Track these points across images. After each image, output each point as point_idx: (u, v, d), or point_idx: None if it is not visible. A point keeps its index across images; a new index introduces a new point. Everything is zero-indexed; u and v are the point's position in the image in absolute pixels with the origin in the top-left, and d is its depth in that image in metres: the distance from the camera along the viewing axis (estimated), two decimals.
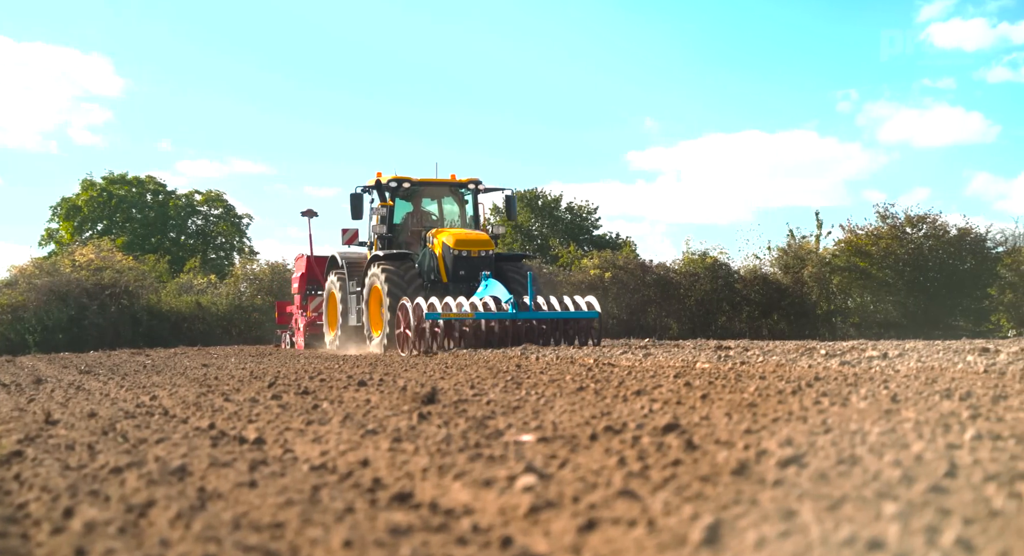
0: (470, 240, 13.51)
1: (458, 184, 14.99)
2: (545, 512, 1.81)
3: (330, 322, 16.20)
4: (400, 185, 14.57)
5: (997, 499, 1.69)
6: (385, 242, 14.59)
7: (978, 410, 3.20)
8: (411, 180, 14.64)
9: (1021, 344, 8.51)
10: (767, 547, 1.46)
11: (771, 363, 6.61)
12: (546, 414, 3.55)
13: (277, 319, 20.69)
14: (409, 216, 14.91)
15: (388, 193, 14.56)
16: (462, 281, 13.39)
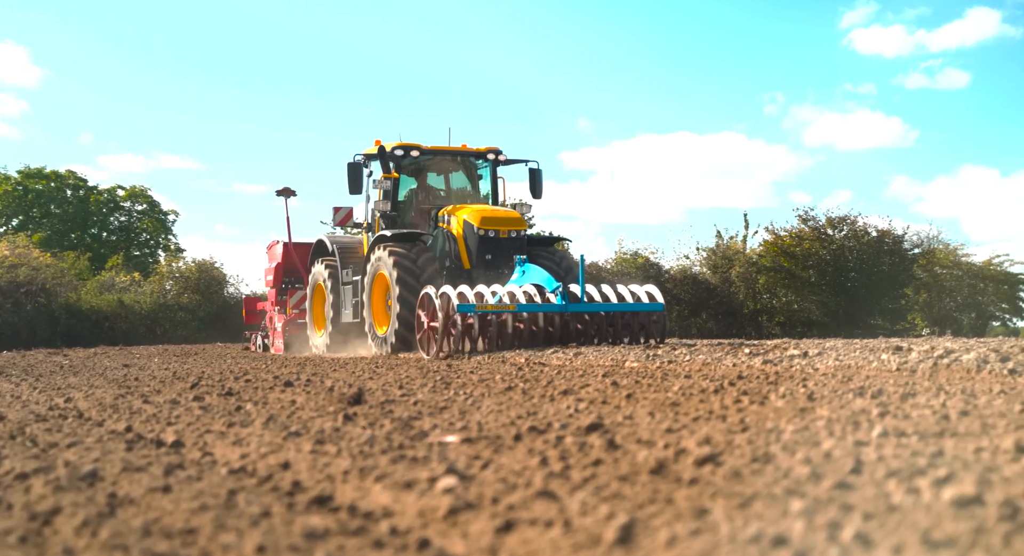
0: (498, 218, 11.46)
1: (474, 153, 12.85)
2: (464, 513, 1.81)
3: (316, 319, 14.04)
4: (407, 153, 12.26)
5: (896, 495, 1.76)
6: (389, 221, 12.33)
7: (887, 408, 3.32)
8: (420, 148, 12.42)
9: (932, 343, 8.88)
10: (677, 545, 1.49)
11: (697, 362, 6.75)
12: (473, 414, 3.55)
13: (244, 318, 18.09)
14: (413, 193, 12.77)
15: (392, 163, 12.28)
16: (489, 267, 11.34)
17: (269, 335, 16.17)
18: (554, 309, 9.54)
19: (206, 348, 17.96)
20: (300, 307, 15.20)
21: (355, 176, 12.41)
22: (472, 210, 11.54)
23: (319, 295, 13.95)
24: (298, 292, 15.47)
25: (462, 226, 11.48)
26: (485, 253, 11.39)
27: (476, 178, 13.18)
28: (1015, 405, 3.33)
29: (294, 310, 15.39)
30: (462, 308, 9.22)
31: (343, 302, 12.98)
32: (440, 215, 12.09)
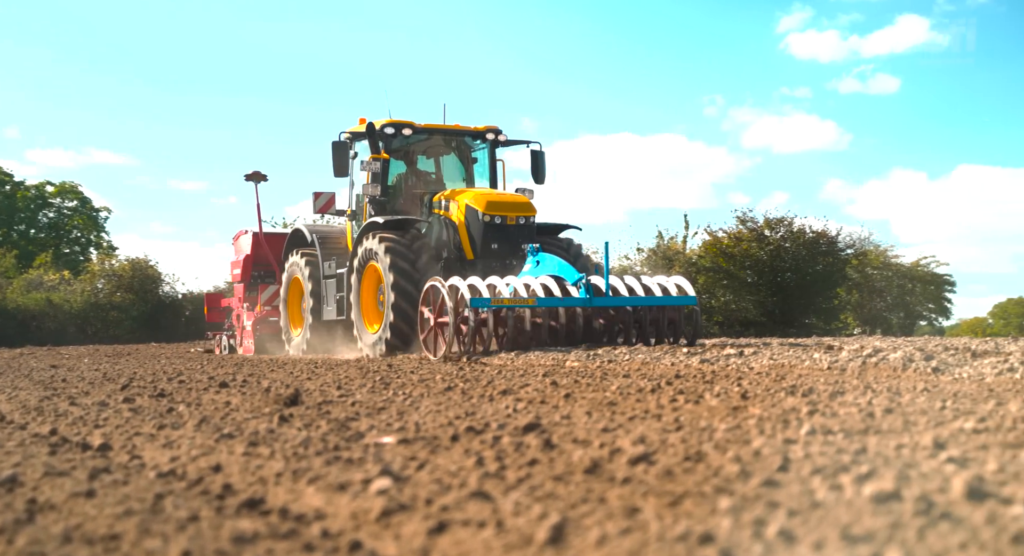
0: (505, 203, 10.41)
1: (472, 133, 11.65)
2: (397, 515, 1.80)
3: (292, 317, 12.88)
4: (398, 132, 11.10)
5: (820, 491, 1.80)
6: (378, 207, 11.13)
7: (816, 406, 3.41)
8: (413, 126, 11.27)
9: (862, 342, 9.15)
10: (607, 544, 1.51)
11: (636, 361, 6.82)
12: (411, 415, 3.54)
13: (206, 316, 16.45)
14: (402, 177, 11.65)
15: (382, 143, 11.08)
16: (494, 257, 10.25)
17: (236, 335, 14.86)
18: (578, 303, 8.50)
19: (140, 348, 17.48)
20: (273, 304, 13.92)
21: (340, 156, 11.15)
22: (475, 194, 10.42)
23: (296, 290, 12.84)
24: (270, 287, 14.12)
25: (464, 212, 10.33)
26: (491, 242, 10.24)
27: (470, 161, 12.02)
28: (936, 403, 3.45)
29: (266, 307, 14.05)
30: (475, 302, 8.08)
31: (325, 298, 11.91)
32: (436, 200, 11.00)
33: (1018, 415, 2.93)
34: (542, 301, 8.39)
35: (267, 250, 14.22)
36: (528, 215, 10.53)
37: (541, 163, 11.80)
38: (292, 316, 12.94)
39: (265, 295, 14.10)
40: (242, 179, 14.71)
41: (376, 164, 11.05)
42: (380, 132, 11.08)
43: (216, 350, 15.49)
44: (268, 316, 13.96)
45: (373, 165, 11.05)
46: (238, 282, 14.86)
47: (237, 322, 14.83)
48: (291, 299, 12.96)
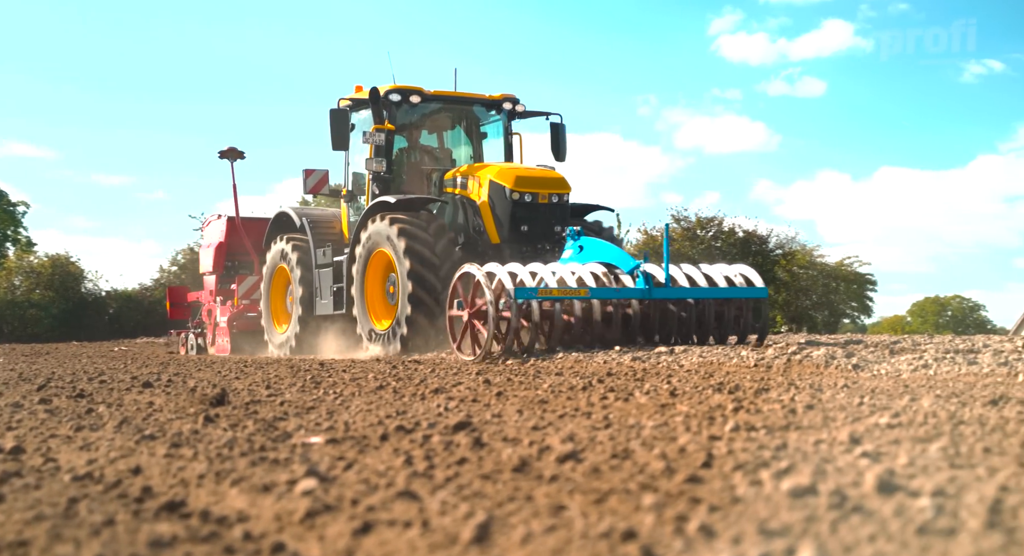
0: (536, 178, 9.25)
1: (486, 102, 10.41)
2: (322, 516, 1.78)
3: (276, 312, 11.56)
4: (405, 99, 9.89)
5: (741, 487, 1.85)
6: (383, 185, 9.88)
7: (741, 403, 3.49)
8: (423, 93, 10.04)
9: (788, 339, 9.40)
10: (532, 542, 1.52)
11: (570, 359, 6.85)
12: (341, 414, 3.50)
13: (169, 313, 14.82)
14: (404, 153, 10.39)
15: (387, 112, 9.84)
16: (523, 241, 9.07)
17: (207, 332, 13.33)
18: (636, 295, 7.34)
19: (60, 347, 16.87)
20: (251, 297, 12.46)
21: (340, 126, 9.82)
22: (500, 169, 9.26)
23: (280, 281, 11.51)
24: (248, 278, 12.63)
25: (487, 189, 9.14)
26: (520, 223, 9.03)
27: (479, 136, 10.78)
28: (855, 399, 3.57)
29: (244, 301, 12.50)
30: (520, 293, 6.98)
31: (319, 290, 10.59)
32: (449, 178, 9.83)
33: (929, 410, 3.05)
34: (596, 292, 7.22)
35: (244, 237, 12.77)
36: (562, 192, 9.26)
37: (562, 137, 10.52)
38: (276, 311, 11.65)
39: (243, 287, 12.62)
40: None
41: (380, 136, 9.75)
42: (385, 99, 9.82)
43: (181, 350, 13.95)
44: (246, 311, 12.49)
45: (377, 137, 9.74)
46: (209, 273, 13.40)
47: (208, 318, 13.30)
48: (274, 292, 11.65)
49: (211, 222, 13.82)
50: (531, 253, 8.92)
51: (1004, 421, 2.74)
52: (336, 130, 9.88)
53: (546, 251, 9.08)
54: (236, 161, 13.24)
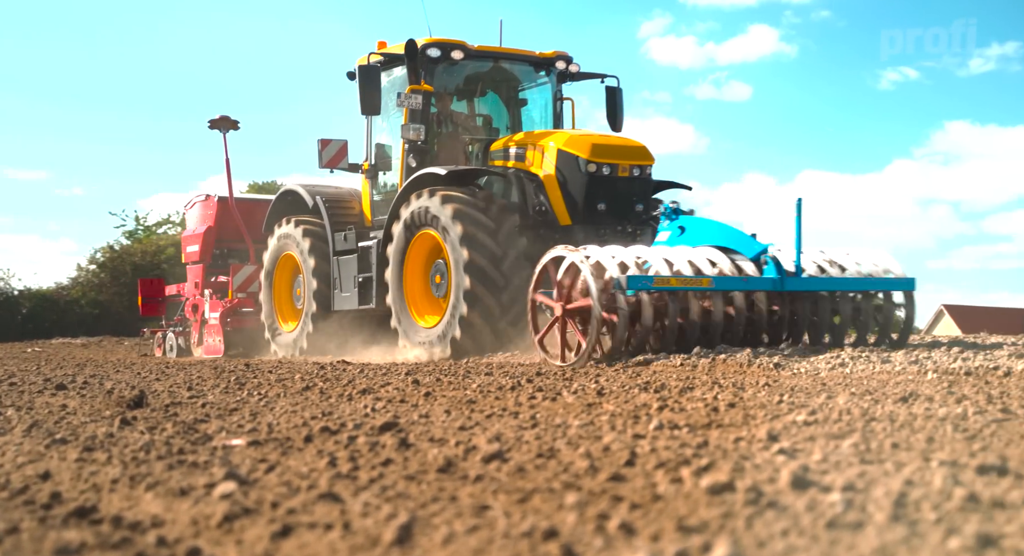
0: (616, 147, 7.94)
1: (535, 61, 9.08)
2: (241, 520, 1.74)
3: (281, 308, 10.21)
4: (446, 55, 8.55)
5: (662, 485, 1.88)
6: (420, 156, 8.61)
7: (666, 401, 3.55)
8: (466, 48, 8.70)
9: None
10: (454, 543, 1.52)
11: (499, 358, 6.88)
12: (265, 416, 3.43)
13: (141, 308, 12.94)
14: (435, 120, 9.00)
15: (424, 71, 8.56)
16: (600, 221, 7.79)
17: (192, 331, 11.83)
18: (767, 286, 6.14)
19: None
20: (247, 290, 11.08)
21: (371, 85, 8.39)
22: (571, 137, 8.00)
23: (285, 272, 10.11)
24: (244, 268, 11.20)
25: (555, 161, 7.88)
26: (596, 201, 7.75)
27: (518, 102, 9.42)
28: (775, 397, 3.67)
29: (239, 294, 11.09)
30: (634, 282, 5.78)
31: (338, 281, 9.26)
32: (497, 149, 8.52)
33: (844, 407, 3.15)
34: (722, 282, 6.02)
35: (238, 220, 11.24)
36: (644, 164, 8.00)
37: (619, 104, 9.26)
38: (281, 306, 10.25)
39: (239, 278, 11.16)
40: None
41: (417, 98, 8.44)
42: (423, 54, 8.45)
43: (157, 351, 12.45)
44: (240, 306, 11.05)
45: (413, 99, 8.43)
46: (194, 262, 11.87)
47: (193, 314, 11.78)
48: (278, 283, 10.22)
49: (196, 203, 12.17)
50: (609, 236, 7.50)
51: (912, 417, 2.85)
52: (366, 90, 8.42)
53: (627, 234, 7.74)
54: (228, 131, 11.62)
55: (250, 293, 11.14)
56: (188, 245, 12.16)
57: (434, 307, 8.33)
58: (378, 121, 9.33)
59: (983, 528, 1.39)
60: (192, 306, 11.94)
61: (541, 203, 8.07)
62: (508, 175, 8.28)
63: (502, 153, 8.56)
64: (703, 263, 6.24)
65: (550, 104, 9.36)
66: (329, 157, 9.42)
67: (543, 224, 7.99)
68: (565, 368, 5.85)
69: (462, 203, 7.74)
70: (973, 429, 2.55)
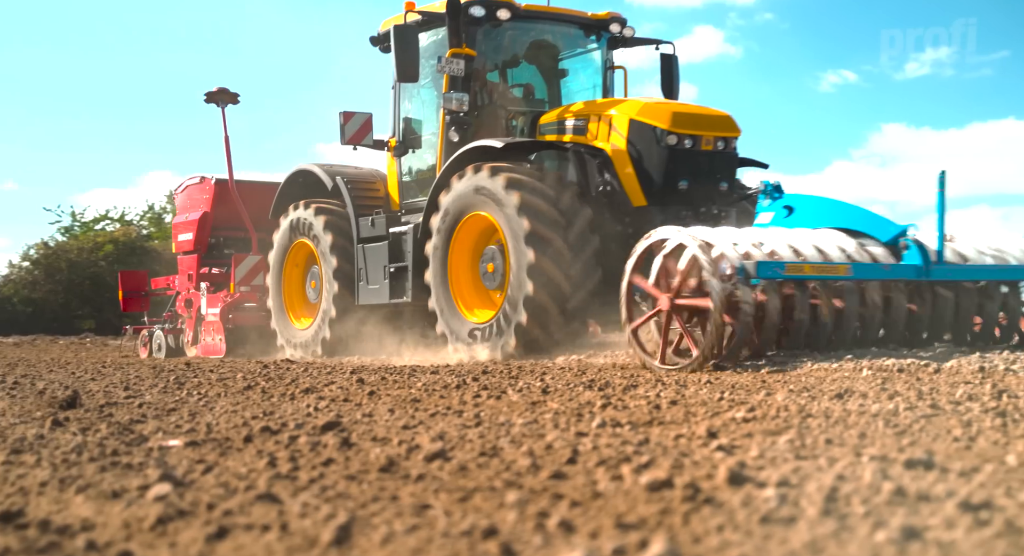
0: (698, 116, 7.03)
1: (586, 22, 8.15)
2: (175, 522, 1.71)
3: (291, 302, 9.23)
4: (491, 15, 7.55)
5: (603, 482, 1.90)
6: (463, 130, 7.62)
7: (610, 399, 3.58)
8: (514, 6, 7.72)
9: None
10: (392, 543, 1.51)
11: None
12: (204, 416, 3.37)
13: (122, 304, 11.85)
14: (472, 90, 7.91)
15: (465, 34, 7.61)
16: (681, 201, 6.91)
17: (186, 328, 10.71)
18: (911, 275, 5.30)
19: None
20: (251, 283, 10.03)
21: (408, 46, 7.38)
22: (645, 105, 7.05)
23: (297, 262, 9.13)
24: (247, 259, 10.08)
25: (627, 133, 6.92)
26: (677, 178, 6.83)
27: (558, 75, 8.46)
28: (716, 394, 3.73)
29: (242, 288, 10.02)
30: (764, 270, 4.94)
31: (364, 272, 8.26)
32: (548, 122, 7.56)
33: (782, 404, 3.22)
34: (861, 270, 5.17)
35: (239, 205, 10.16)
36: (731, 136, 7.04)
37: (676, 72, 8.42)
38: (291, 301, 9.22)
39: (241, 270, 10.02)
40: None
41: (459, 63, 7.45)
42: (464, 12, 7.49)
43: (142, 351, 11.15)
44: (242, 301, 9.98)
45: (454, 64, 7.45)
46: (188, 252, 10.80)
47: (186, 310, 10.68)
48: (288, 275, 9.19)
49: (188, 186, 11.04)
50: (691, 219, 6.51)
51: (847, 414, 2.92)
52: (404, 53, 7.37)
53: (711, 217, 6.79)
54: (227, 106, 10.47)
55: (254, 286, 10.03)
56: (180, 233, 10.96)
57: (486, 300, 7.31)
58: (406, 93, 8.33)
59: (908, 521, 1.43)
60: (186, 301, 10.76)
61: (606, 182, 7.06)
62: (571, 149, 7.21)
63: (555, 126, 7.53)
64: (831, 249, 5.29)
65: (599, 73, 8.33)
66: (352, 132, 8.31)
67: (608, 206, 7.03)
68: (666, 372, 5.10)
69: (522, 180, 6.75)
70: (903, 425, 2.63)
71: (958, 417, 2.78)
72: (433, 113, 8.21)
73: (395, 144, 8.38)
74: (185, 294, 10.88)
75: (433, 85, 8.15)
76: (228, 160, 10.74)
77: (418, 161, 8.46)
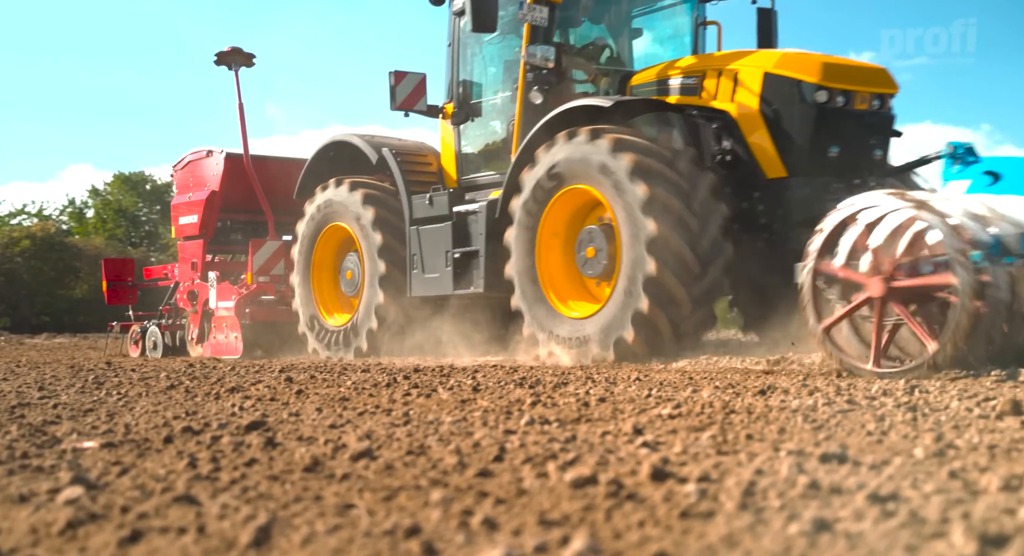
0: (850, 69, 5.99)
1: None
2: (86, 526, 1.65)
3: (322, 296, 8.17)
4: None
5: (528, 479, 1.90)
6: (545, 91, 6.56)
7: (539, 397, 3.60)
8: None
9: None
10: (313, 543, 1.49)
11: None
12: (123, 416, 3.27)
13: (107, 296, 10.36)
14: None
15: None
16: (833, 171, 5.86)
17: (190, 324, 9.47)
18: None
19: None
20: (270, 272, 8.86)
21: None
22: (784, 56, 6.03)
23: (328, 248, 8.10)
24: (267, 245, 8.89)
25: (761, 89, 5.89)
26: (827, 142, 5.81)
27: (631, 34, 7.45)
28: (644, 391, 3.78)
29: (260, 278, 8.82)
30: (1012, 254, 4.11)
31: (419, 258, 7.20)
32: (643, 82, 6.52)
33: (707, 400, 3.28)
34: None
35: (255, 183, 9.04)
36: (888, 93, 5.99)
37: (774, 28, 7.23)
38: (321, 293, 8.17)
39: (261, 256, 8.80)
40: None
41: (542, 11, 6.42)
42: None
43: (133, 350, 9.97)
44: (258, 293, 8.84)
45: (537, 12, 6.41)
46: (191, 237, 9.53)
47: (190, 302, 9.43)
48: (318, 264, 8.14)
49: (191, 162, 9.66)
50: (842, 193, 5.26)
51: (768, 409, 3.00)
52: None
53: (868, 187, 5.45)
54: (240, 68, 9.31)
55: (273, 276, 8.86)
56: (182, 215, 9.63)
57: (581, 291, 6.33)
58: (466, 51, 7.27)
59: (820, 513, 1.47)
60: (189, 293, 9.46)
61: (727, 150, 5.99)
62: (688, 113, 6.19)
63: (655, 87, 6.41)
64: None
65: (688, 32, 7.31)
66: (404, 95, 7.16)
67: (731, 180, 5.96)
68: (876, 377, 4.20)
69: (636, 142, 5.82)
70: (821, 420, 2.71)
71: (872, 412, 2.88)
72: (500, 73, 7.16)
73: (452, 110, 7.27)
74: (188, 285, 9.55)
75: (501, 40, 7.08)
76: (243, 131, 9.39)
77: (481, 130, 7.36)
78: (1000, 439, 2.28)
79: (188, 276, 9.69)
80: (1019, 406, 2.74)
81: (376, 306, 7.56)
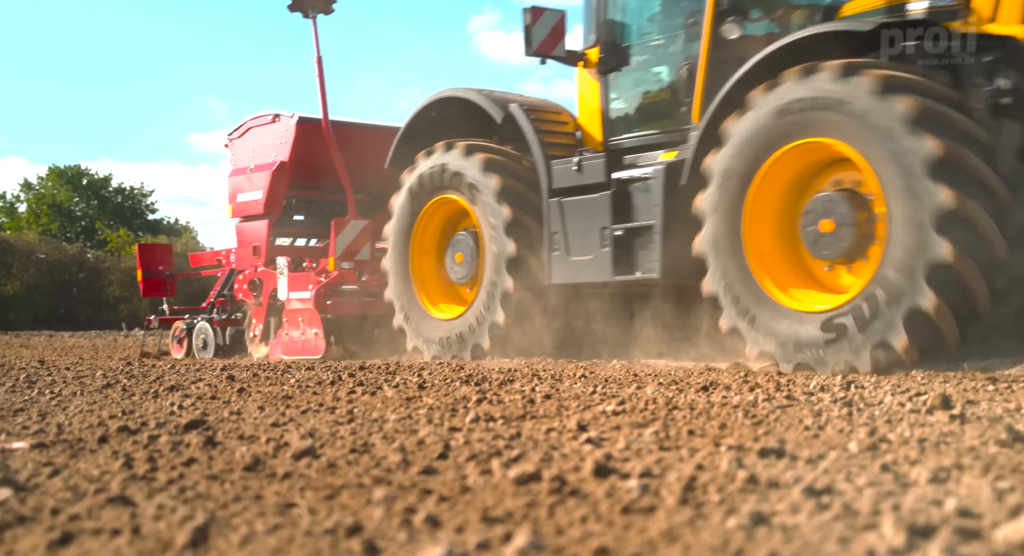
0: None
1: None
2: (14, 529, 1.60)
3: (424, 285, 6.87)
4: None
5: (472, 477, 1.90)
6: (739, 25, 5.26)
7: (485, 394, 3.60)
8: None
9: None
10: (252, 543, 1.46)
11: None
12: (55, 416, 3.18)
13: (143, 288, 8.89)
14: None
15: None
16: None
17: (252, 319, 8.06)
18: None
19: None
20: (355, 256, 7.50)
21: None
22: None
23: (431, 228, 6.80)
24: (352, 224, 7.49)
25: None
26: None
27: None
28: (589, 388, 3.81)
29: (344, 264, 7.48)
30: None
31: (560, 238, 5.91)
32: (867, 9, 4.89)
33: (651, 397, 3.32)
34: None
35: (335, 152, 7.62)
36: None
37: None
38: (423, 282, 6.83)
39: (345, 238, 7.41)
40: None
41: None
42: None
43: (176, 349, 8.61)
44: (340, 281, 7.52)
45: None
46: (252, 217, 8.12)
47: (251, 293, 8.02)
48: (418, 248, 6.84)
49: (252, 128, 8.17)
50: None
51: (710, 405, 3.05)
52: None
53: None
54: (317, 15, 7.76)
55: (358, 262, 7.55)
56: (240, 192, 8.16)
57: (807, 279, 4.87)
58: None
59: (758, 507, 1.50)
60: (251, 282, 8.04)
61: (1005, 89, 4.36)
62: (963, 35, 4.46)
63: (883, 15, 4.80)
64: None
65: None
66: (541, 37, 5.92)
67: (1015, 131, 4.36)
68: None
69: (906, 79, 4.35)
70: (760, 415, 2.76)
71: (810, 407, 2.95)
72: (658, 11, 5.87)
73: (599, 59, 5.97)
74: (250, 273, 8.11)
75: None
76: (321, 91, 7.75)
77: (638, 80, 6.03)
78: (930, 433, 2.35)
79: (249, 262, 8.21)
80: (948, 401, 2.83)
81: (503, 295, 6.19)
